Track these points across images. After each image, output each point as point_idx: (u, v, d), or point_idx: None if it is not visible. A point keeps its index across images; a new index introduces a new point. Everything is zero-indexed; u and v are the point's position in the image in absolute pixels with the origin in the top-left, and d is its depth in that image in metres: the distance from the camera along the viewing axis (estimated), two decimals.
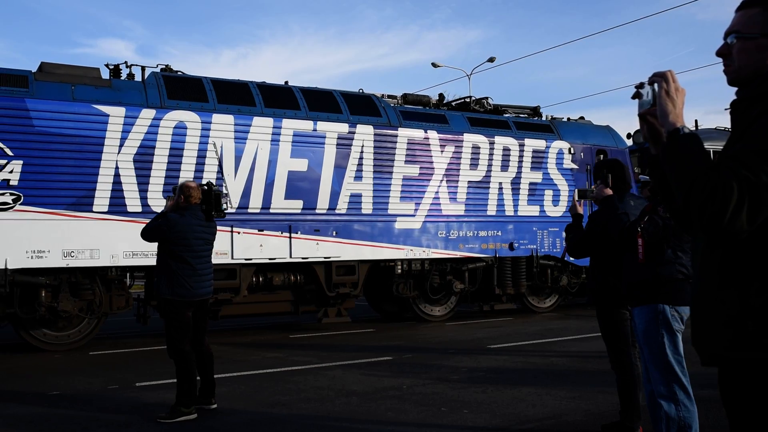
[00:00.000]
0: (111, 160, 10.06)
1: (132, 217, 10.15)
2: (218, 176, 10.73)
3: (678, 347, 4.10)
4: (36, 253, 9.51)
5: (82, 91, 10.06)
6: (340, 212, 11.74)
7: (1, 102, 9.44)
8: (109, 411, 6.12)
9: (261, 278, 11.23)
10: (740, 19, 2.02)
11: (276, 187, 11.18)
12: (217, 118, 10.81)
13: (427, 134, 12.70)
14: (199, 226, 6.06)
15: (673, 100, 1.96)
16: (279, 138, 11.26)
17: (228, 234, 10.76)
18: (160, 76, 10.86)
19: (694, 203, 1.76)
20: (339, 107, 12.03)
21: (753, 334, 1.82)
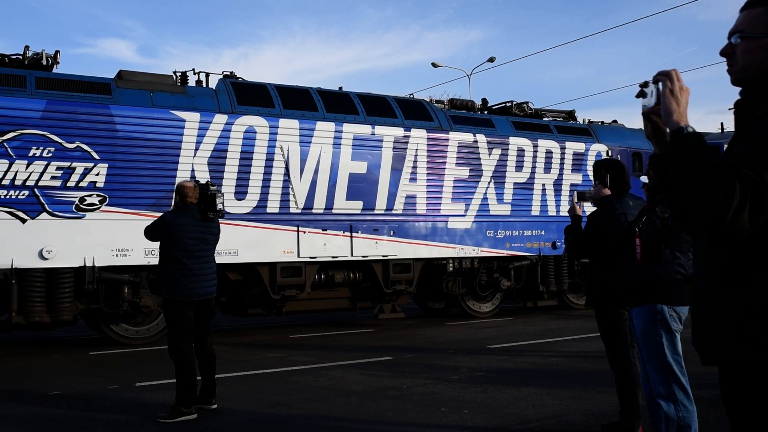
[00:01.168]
0: (187, 163, 10.60)
1: None
2: (285, 178, 11.27)
3: (677, 347, 4.10)
4: (120, 252, 10.05)
5: (160, 97, 10.60)
6: (396, 212, 12.27)
7: (87, 108, 9.98)
8: (109, 411, 6.10)
9: (323, 276, 11.76)
10: (744, 19, 2.02)
11: (338, 189, 11.72)
12: (284, 123, 11.35)
13: (476, 138, 13.23)
14: (195, 226, 6.01)
15: (678, 99, 1.97)
16: (340, 142, 11.80)
17: (294, 233, 11.32)
18: (228, 83, 11.40)
19: (697, 202, 1.76)
20: (394, 112, 12.56)
21: (753, 333, 1.83)
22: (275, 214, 11.23)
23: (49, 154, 9.69)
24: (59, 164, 9.74)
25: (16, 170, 9.48)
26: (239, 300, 11.48)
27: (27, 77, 9.86)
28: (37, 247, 9.55)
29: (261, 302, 11.46)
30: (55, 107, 9.77)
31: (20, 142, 9.53)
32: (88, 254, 9.81)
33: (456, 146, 12.99)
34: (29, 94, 9.71)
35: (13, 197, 9.48)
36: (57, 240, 9.65)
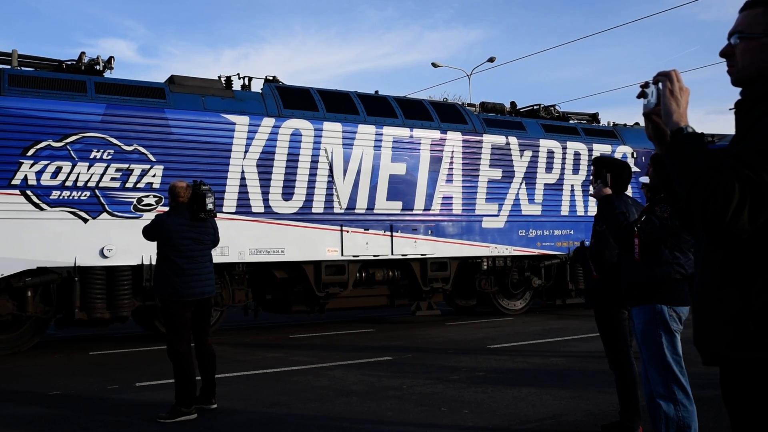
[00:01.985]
0: (237, 164, 10.97)
1: (256, 217, 11.06)
2: (329, 179, 11.65)
3: (676, 347, 4.10)
4: None
5: (212, 101, 10.97)
6: (434, 213, 12.65)
7: (144, 112, 10.36)
8: (109, 411, 6.10)
9: (364, 274, 12.12)
10: (744, 20, 2.02)
11: (379, 190, 12.10)
12: (327, 126, 11.73)
13: (508, 140, 13.61)
14: (187, 226, 6.01)
15: (677, 100, 1.97)
16: (381, 144, 12.17)
17: (338, 233, 11.70)
18: (273, 87, 11.77)
19: (696, 202, 1.76)
20: (430, 115, 12.94)
21: (754, 333, 1.83)
22: (320, 214, 11.60)
23: (108, 157, 10.06)
24: (118, 166, 10.11)
25: (78, 172, 9.85)
26: (284, 298, 11.83)
27: (87, 82, 10.23)
28: (98, 246, 9.92)
29: (305, 300, 11.83)
30: (113, 111, 10.15)
31: (82, 144, 9.90)
32: (144, 253, 10.17)
33: (489, 148, 13.37)
34: (89, 98, 10.08)
35: (76, 198, 9.85)
36: (116, 239, 10.02)
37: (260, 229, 11.09)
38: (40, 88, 9.84)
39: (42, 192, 9.66)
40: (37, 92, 9.79)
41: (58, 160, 9.75)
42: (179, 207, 6.07)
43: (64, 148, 9.79)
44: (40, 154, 9.66)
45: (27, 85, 9.79)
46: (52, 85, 9.98)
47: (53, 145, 9.73)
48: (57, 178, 9.74)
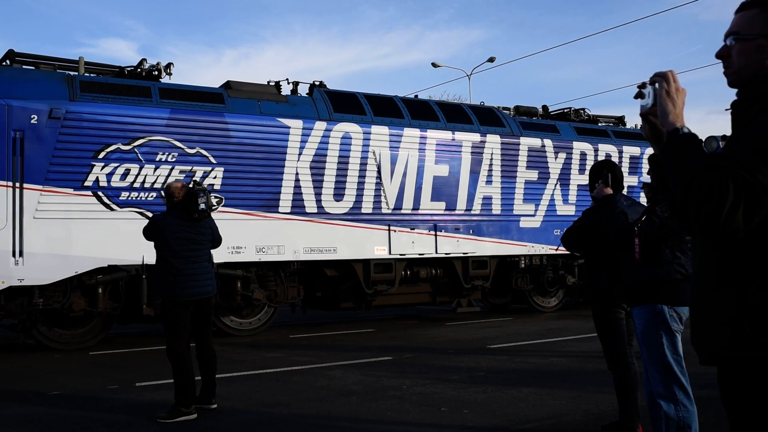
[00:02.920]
0: (292, 167, 11.41)
1: (309, 217, 11.50)
2: (377, 181, 12.10)
3: (677, 347, 4.09)
4: (235, 249, 10.85)
5: (267, 106, 11.42)
6: (475, 213, 13.10)
7: (205, 116, 10.80)
8: (109, 411, 6.10)
9: (409, 272, 12.56)
10: (739, 21, 2.03)
11: (423, 191, 12.55)
12: (375, 129, 12.17)
13: (543, 143, 14.07)
14: (182, 226, 6.00)
15: (674, 100, 1.97)
16: (425, 147, 12.62)
17: (386, 232, 12.14)
18: (323, 92, 12.21)
19: (691, 202, 1.77)
20: (470, 119, 13.39)
21: (750, 333, 1.83)
22: (369, 214, 12.04)
23: (173, 159, 10.50)
24: (182, 168, 10.55)
25: (145, 174, 10.29)
26: (333, 295, 12.26)
27: (151, 88, 10.67)
28: None
29: (353, 297, 12.26)
30: (177, 115, 10.59)
31: (148, 147, 10.34)
32: None
33: (526, 150, 13.82)
34: (155, 103, 10.52)
35: (143, 199, 10.29)
36: None
37: (313, 228, 11.53)
38: (108, 94, 10.29)
39: (112, 193, 10.10)
40: (106, 98, 10.23)
41: (127, 162, 10.19)
42: (174, 207, 6.07)
43: (132, 151, 10.23)
44: (110, 156, 10.10)
45: (97, 91, 10.24)
46: (120, 90, 10.43)
47: (122, 148, 10.18)
48: (126, 180, 10.18)
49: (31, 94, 9.77)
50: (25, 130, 9.61)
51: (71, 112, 9.89)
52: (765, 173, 1.74)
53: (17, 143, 9.57)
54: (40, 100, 9.76)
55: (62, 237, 9.73)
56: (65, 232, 9.75)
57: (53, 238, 9.68)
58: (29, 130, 9.64)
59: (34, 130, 9.67)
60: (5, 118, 9.51)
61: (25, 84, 9.87)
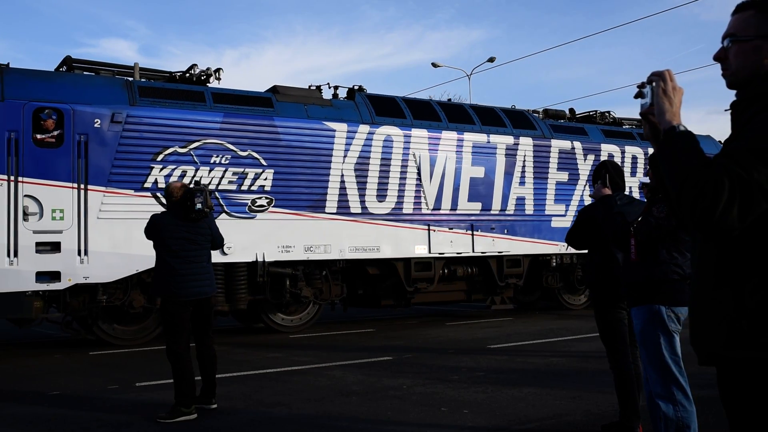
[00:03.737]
0: (337, 168, 11.81)
1: (354, 217, 11.90)
2: (417, 182, 12.50)
3: (675, 348, 4.08)
4: (284, 248, 11.25)
5: (314, 110, 11.82)
6: (509, 213, 13.50)
7: (256, 120, 11.20)
8: (109, 411, 6.10)
9: (446, 270, 12.96)
10: (736, 23, 2.04)
11: (461, 192, 12.95)
12: (415, 132, 12.58)
13: (573, 145, 14.47)
14: (179, 226, 5.97)
15: (670, 99, 1.98)
16: (462, 149, 13.03)
17: (425, 232, 12.55)
18: (365, 96, 12.62)
19: (686, 199, 1.77)
20: (503, 122, 13.79)
21: (748, 333, 1.84)
22: (410, 215, 12.44)
23: (226, 161, 10.90)
24: (234, 170, 10.95)
25: (200, 176, 10.68)
26: (374, 293, 12.66)
27: (205, 93, 11.07)
28: None
29: (393, 294, 12.66)
30: (230, 119, 10.99)
31: (203, 150, 10.74)
32: (258, 250, 11.02)
33: (557, 152, 14.22)
34: (209, 107, 10.92)
35: None
36: (234, 238, 10.84)
37: (358, 228, 11.93)
38: (165, 99, 10.69)
39: None
40: (163, 102, 10.63)
41: (183, 164, 10.59)
42: (174, 207, 6.07)
43: (188, 153, 10.63)
44: (168, 159, 10.50)
45: (154, 96, 10.64)
46: (175, 95, 10.83)
47: (179, 151, 10.58)
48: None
49: (93, 100, 10.17)
50: (89, 134, 10.01)
51: (132, 116, 10.29)
52: (761, 171, 1.75)
53: (82, 147, 9.97)
54: (103, 105, 10.16)
55: (123, 236, 10.12)
56: (126, 231, 10.13)
57: (115, 237, 10.08)
58: (93, 134, 10.04)
59: (98, 133, 10.08)
60: (71, 122, 9.91)
61: (88, 89, 10.26)
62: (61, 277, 9.73)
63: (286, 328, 11.83)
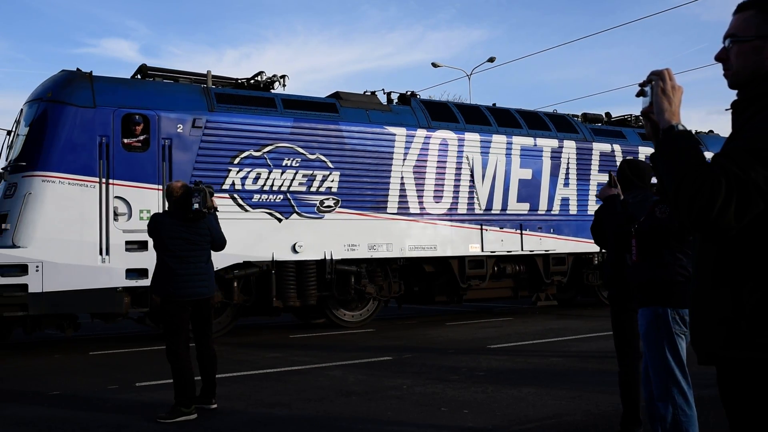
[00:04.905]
0: (397, 171, 12.39)
1: (413, 217, 12.48)
2: (470, 183, 13.08)
3: (678, 351, 4.02)
4: (350, 247, 11.82)
5: (375, 115, 12.40)
6: (554, 213, 14.09)
7: (323, 124, 11.77)
8: (109, 411, 6.08)
9: (496, 268, 13.54)
10: (736, 23, 2.04)
11: (510, 193, 13.54)
12: (468, 136, 13.16)
13: (613, 147, 15.06)
14: (178, 226, 5.94)
15: (670, 98, 1.98)
16: (510, 152, 13.62)
17: (478, 231, 13.13)
18: (419, 102, 13.20)
19: (683, 197, 1.78)
20: (548, 126, 14.38)
21: (746, 333, 1.84)
22: (464, 215, 13.02)
23: (296, 164, 11.47)
24: (304, 172, 11.52)
25: (273, 178, 11.25)
26: (428, 289, 13.22)
27: (275, 99, 11.64)
28: (290, 243, 11.34)
29: (446, 291, 13.23)
30: (299, 124, 11.57)
31: (275, 153, 11.31)
32: (326, 249, 11.59)
33: (598, 155, 14.82)
34: (279, 113, 11.49)
35: (272, 201, 11.25)
36: (304, 237, 11.42)
37: (417, 227, 12.51)
38: (240, 104, 11.26)
39: (245, 195, 11.07)
40: (239, 108, 11.20)
41: (258, 167, 11.16)
42: (173, 207, 6.05)
43: (262, 157, 11.20)
44: (244, 162, 11.07)
45: (230, 102, 11.21)
46: (249, 101, 11.40)
47: (253, 154, 11.15)
48: (257, 183, 11.15)
49: (175, 106, 10.73)
50: (172, 139, 10.58)
51: (211, 121, 10.86)
52: (758, 171, 1.76)
53: (166, 150, 10.54)
54: (184, 111, 10.73)
55: None
56: None
57: None
58: (176, 139, 10.61)
59: (180, 138, 10.65)
60: (156, 127, 10.48)
61: (170, 96, 10.83)
62: (149, 274, 10.28)
63: (348, 323, 12.38)
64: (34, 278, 9.60)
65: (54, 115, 10.07)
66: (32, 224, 9.70)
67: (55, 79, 10.52)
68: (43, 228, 9.73)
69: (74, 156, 10.03)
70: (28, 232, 9.68)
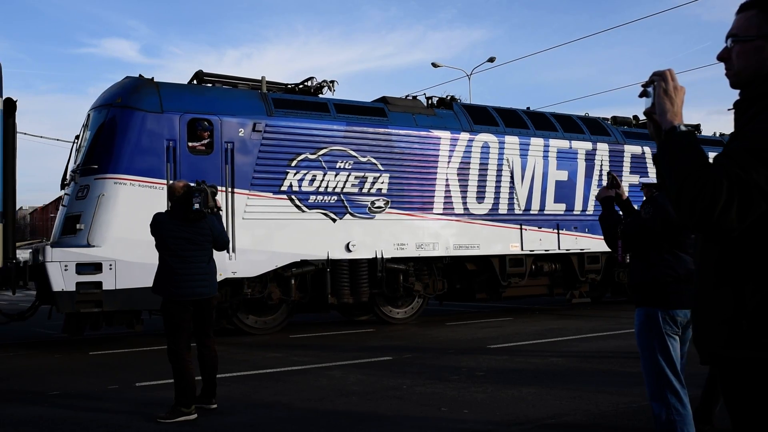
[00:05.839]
0: (442, 173, 12.87)
1: (457, 217, 12.95)
2: (510, 185, 13.56)
3: (669, 351, 4.01)
4: (399, 246, 12.29)
5: (421, 119, 12.87)
6: (589, 213, 14.57)
7: (373, 128, 12.24)
8: (109, 411, 6.07)
9: (534, 266, 14.02)
10: (738, 22, 2.03)
11: (548, 194, 14.02)
12: (508, 139, 13.64)
13: (643, 149, 15.56)
14: (179, 226, 5.93)
15: (671, 99, 1.97)
16: (548, 154, 14.10)
17: (518, 230, 13.61)
18: (461, 105, 13.68)
19: (685, 198, 1.77)
20: (582, 129, 14.87)
21: (748, 333, 1.84)
22: (505, 215, 13.50)
23: (349, 166, 11.93)
24: (356, 174, 11.99)
25: (327, 180, 11.72)
26: (469, 287, 13.69)
27: (328, 104, 12.11)
28: (344, 242, 11.80)
29: (486, 288, 13.70)
30: (351, 127, 12.03)
31: (330, 156, 11.78)
32: (378, 248, 12.05)
33: (629, 157, 15.31)
34: (333, 117, 11.96)
35: (326, 201, 11.72)
36: (357, 236, 11.89)
37: (461, 227, 12.98)
38: (296, 109, 11.72)
39: (302, 197, 11.53)
40: (295, 113, 11.66)
41: (314, 169, 11.63)
42: (175, 206, 6.05)
43: (317, 159, 11.66)
44: (301, 164, 11.53)
45: (287, 107, 11.68)
46: (304, 106, 11.87)
47: (309, 157, 11.61)
48: (313, 185, 11.61)
49: (237, 111, 11.20)
50: (234, 142, 11.04)
51: (270, 125, 11.32)
52: (760, 172, 1.75)
53: (228, 153, 11.00)
54: (245, 116, 11.20)
55: (264, 235, 11.15)
56: (266, 231, 11.16)
57: (257, 236, 11.10)
58: (238, 142, 11.07)
59: (242, 142, 11.11)
60: (219, 131, 10.94)
61: (231, 101, 11.29)
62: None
63: (395, 320, 12.84)
64: (108, 276, 10.05)
65: (124, 120, 10.52)
66: (106, 224, 10.15)
67: (123, 86, 10.98)
68: (116, 228, 10.17)
69: (144, 159, 10.48)
70: (102, 232, 10.12)
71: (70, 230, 10.30)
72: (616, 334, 10.44)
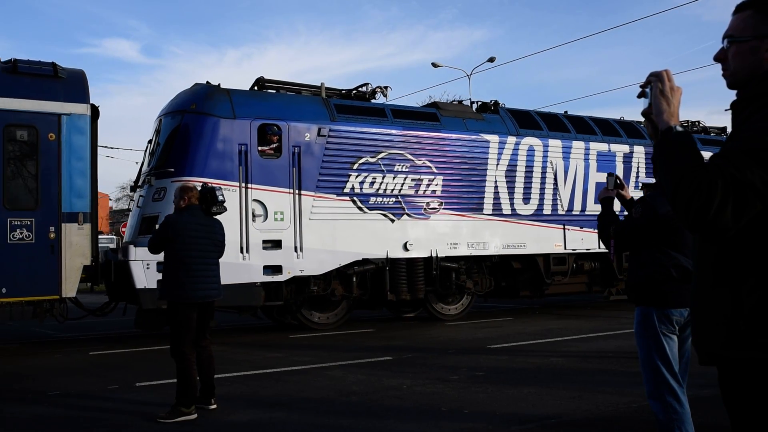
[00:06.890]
0: (492, 175, 13.41)
1: (505, 217, 13.50)
2: (554, 187, 14.11)
3: (665, 350, 4.03)
4: (452, 245, 12.83)
5: (471, 123, 13.42)
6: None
7: (427, 132, 12.78)
8: (109, 411, 6.10)
9: (575, 264, 14.57)
10: (734, 23, 2.04)
11: (588, 195, 14.57)
12: (551, 143, 14.19)
13: None
14: (199, 224, 6.05)
15: (668, 99, 1.98)
16: (588, 156, 14.65)
17: (561, 230, 14.16)
18: (506, 110, 14.22)
19: (681, 199, 1.78)
20: (619, 132, 15.42)
21: (745, 333, 1.84)
22: (549, 215, 14.05)
23: (406, 169, 12.47)
24: (413, 176, 12.52)
25: (386, 182, 12.25)
26: (514, 285, 14.23)
27: (385, 109, 12.64)
28: (401, 242, 12.34)
29: (529, 286, 14.25)
30: (407, 132, 12.57)
31: (388, 159, 12.31)
32: (432, 247, 12.59)
33: None
34: (390, 122, 12.49)
35: (385, 203, 12.26)
36: (413, 236, 12.42)
37: (508, 227, 13.53)
38: (356, 114, 12.25)
39: (363, 198, 12.06)
40: (356, 118, 12.19)
41: (373, 172, 12.16)
42: (191, 208, 6.12)
43: (377, 162, 12.20)
44: (362, 167, 12.06)
45: (348, 112, 12.21)
46: (363, 111, 12.40)
47: (370, 160, 12.14)
48: (372, 187, 12.15)
49: (302, 116, 11.72)
50: (300, 146, 11.57)
51: (333, 130, 11.86)
52: (755, 172, 1.76)
53: (295, 157, 11.53)
54: (310, 121, 11.73)
55: (329, 235, 11.68)
56: (331, 231, 11.70)
57: (323, 236, 11.63)
58: (304, 146, 11.60)
59: (308, 146, 11.64)
60: (287, 136, 11.47)
61: (297, 107, 11.82)
62: (283, 270, 11.28)
63: (446, 316, 13.37)
64: None
65: (199, 125, 11.05)
66: None
67: (196, 92, 11.50)
68: None
69: (217, 162, 11.00)
70: None
71: (147, 230, 10.80)
72: (616, 334, 10.59)
